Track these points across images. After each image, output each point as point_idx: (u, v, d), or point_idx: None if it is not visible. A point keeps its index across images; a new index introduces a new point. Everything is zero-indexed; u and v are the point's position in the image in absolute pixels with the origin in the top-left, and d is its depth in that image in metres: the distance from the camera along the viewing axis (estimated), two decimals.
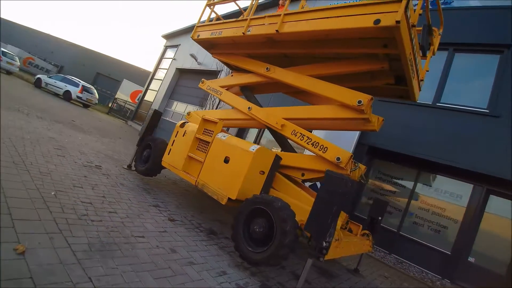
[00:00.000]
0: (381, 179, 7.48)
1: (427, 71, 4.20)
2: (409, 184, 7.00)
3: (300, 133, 3.71)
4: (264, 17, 4.01)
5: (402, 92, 4.23)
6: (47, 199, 2.62)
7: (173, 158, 4.22)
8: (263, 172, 3.42)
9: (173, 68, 16.44)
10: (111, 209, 3.04)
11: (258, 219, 2.83)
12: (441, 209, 6.44)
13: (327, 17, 3.23)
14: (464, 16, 6.89)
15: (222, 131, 3.97)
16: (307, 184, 5.56)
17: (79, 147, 5.35)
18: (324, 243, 2.41)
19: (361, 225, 3.99)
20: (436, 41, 4.24)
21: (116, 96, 23.26)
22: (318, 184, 7.10)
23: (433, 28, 4.26)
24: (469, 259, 5.91)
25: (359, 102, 3.28)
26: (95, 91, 16.56)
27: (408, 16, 2.83)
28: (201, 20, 5.32)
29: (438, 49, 6.97)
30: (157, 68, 18.64)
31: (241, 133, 10.68)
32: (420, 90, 4.24)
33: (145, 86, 18.90)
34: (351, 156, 3.28)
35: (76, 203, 2.82)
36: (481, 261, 5.81)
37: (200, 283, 2.24)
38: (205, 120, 4.03)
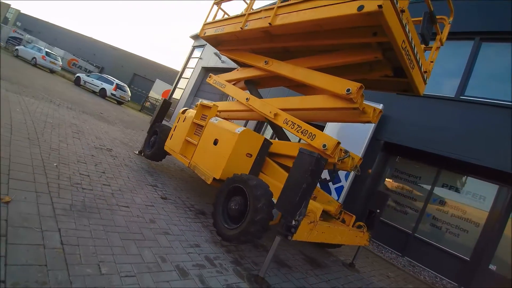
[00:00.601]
0: (398, 177, 7.08)
1: (432, 62, 3.93)
2: (427, 184, 6.55)
3: (291, 121, 3.70)
4: (260, 11, 4.07)
5: (406, 86, 4.00)
6: (47, 168, 2.94)
7: (174, 143, 4.44)
8: (251, 155, 3.47)
9: (199, 67, 17.10)
10: (106, 182, 3.30)
11: (235, 197, 2.90)
12: (462, 211, 5.94)
13: (315, 7, 3.19)
14: (492, 3, 6.28)
15: (220, 116, 4.10)
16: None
17: (97, 133, 5.82)
18: (293, 221, 2.39)
19: (354, 216, 3.84)
20: (445, 30, 3.97)
21: (149, 95, 24.67)
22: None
23: (442, 16, 4.00)
24: (490, 267, 5.38)
25: (348, 90, 3.19)
26: (128, 89, 17.77)
27: (395, 0, 2.70)
28: (209, 18, 5.53)
29: (463, 38, 6.51)
30: (185, 67, 19.47)
31: (259, 129, 10.80)
32: (425, 83, 3.98)
33: (174, 85, 19.84)
34: (338, 143, 3.20)
35: (74, 174, 3.11)
36: (504, 269, 5.26)
37: (167, 249, 2.36)
38: (203, 106, 4.19)
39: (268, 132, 10.50)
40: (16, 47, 17.14)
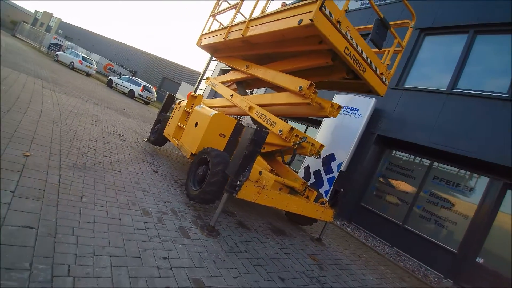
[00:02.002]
0: (391, 170, 7.24)
1: (388, 64, 4.26)
2: (419, 175, 6.66)
3: (260, 113, 4.25)
4: (238, 24, 4.67)
5: (368, 87, 4.33)
6: (63, 141, 3.80)
7: (170, 128, 5.20)
8: (224, 135, 4.07)
9: (218, 68, 18.11)
10: (108, 155, 4.11)
11: (202, 166, 3.52)
12: (451, 203, 6.00)
13: (272, 21, 3.72)
14: None
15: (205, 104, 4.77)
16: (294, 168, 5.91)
17: (114, 123, 6.81)
18: (238, 181, 2.96)
19: (315, 192, 4.26)
20: (408, 34, 4.27)
21: (175, 97, 26.36)
22: (310, 166, 7.31)
23: (406, 20, 4.31)
24: (477, 260, 5.41)
25: (300, 88, 3.70)
26: (154, 90, 19.33)
27: (328, 13, 3.14)
28: (206, 29, 6.27)
29: (457, 32, 6.57)
30: (206, 69, 20.62)
31: None
32: (385, 85, 4.31)
33: (195, 86, 21.10)
34: (291, 128, 3.69)
35: (83, 147, 3.95)
36: (491, 263, 5.28)
37: (140, 199, 3.04)
38: (192, 96, 4.89)
39: None
40: (56, 53, 19.51)
